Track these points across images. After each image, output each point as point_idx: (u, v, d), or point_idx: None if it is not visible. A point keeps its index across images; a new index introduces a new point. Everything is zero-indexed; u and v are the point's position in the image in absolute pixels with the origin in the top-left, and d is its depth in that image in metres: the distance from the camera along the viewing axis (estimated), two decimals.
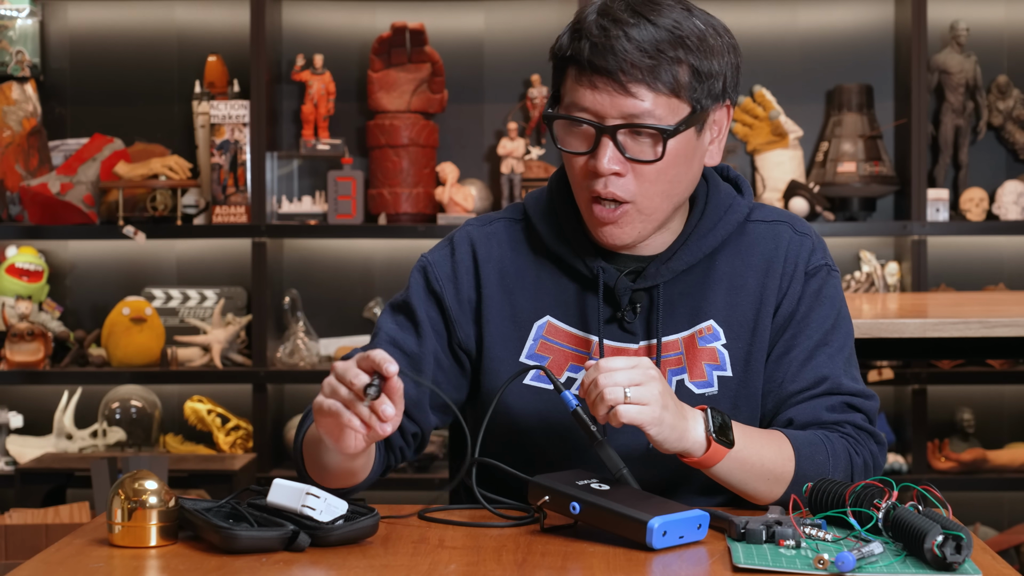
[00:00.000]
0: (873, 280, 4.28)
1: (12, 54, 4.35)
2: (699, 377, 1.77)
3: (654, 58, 1.66)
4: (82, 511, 3.62)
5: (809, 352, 1.78)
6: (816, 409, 1.76)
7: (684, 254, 1.78)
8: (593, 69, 1.67)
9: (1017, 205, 4.26)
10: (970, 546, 1.41)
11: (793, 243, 1.81)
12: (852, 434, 1.76)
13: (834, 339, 1.79)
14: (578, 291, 1.80)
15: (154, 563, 1.48)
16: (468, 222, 1.88)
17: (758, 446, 1.66)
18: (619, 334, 1.78)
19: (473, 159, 4.45)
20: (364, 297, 4.45)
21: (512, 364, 1.79)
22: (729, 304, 1.78)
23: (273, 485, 1.56)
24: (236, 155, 4.23)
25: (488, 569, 1.44)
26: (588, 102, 1.69)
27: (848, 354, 1.81)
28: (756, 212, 1.84)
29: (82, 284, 4.50)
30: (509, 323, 1.80)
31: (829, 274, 1.82)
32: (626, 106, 1.67)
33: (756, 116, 4.38)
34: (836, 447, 1.72)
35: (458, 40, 4.41)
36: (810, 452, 1.70)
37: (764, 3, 4.43)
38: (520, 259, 1.82)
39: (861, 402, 1.78)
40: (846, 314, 1.83)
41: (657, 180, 1.70)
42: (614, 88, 1.66)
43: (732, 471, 1.64)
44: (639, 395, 1.56)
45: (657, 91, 1.67)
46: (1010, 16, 4.44)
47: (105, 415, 4.21)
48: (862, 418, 1.78)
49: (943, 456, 4.21)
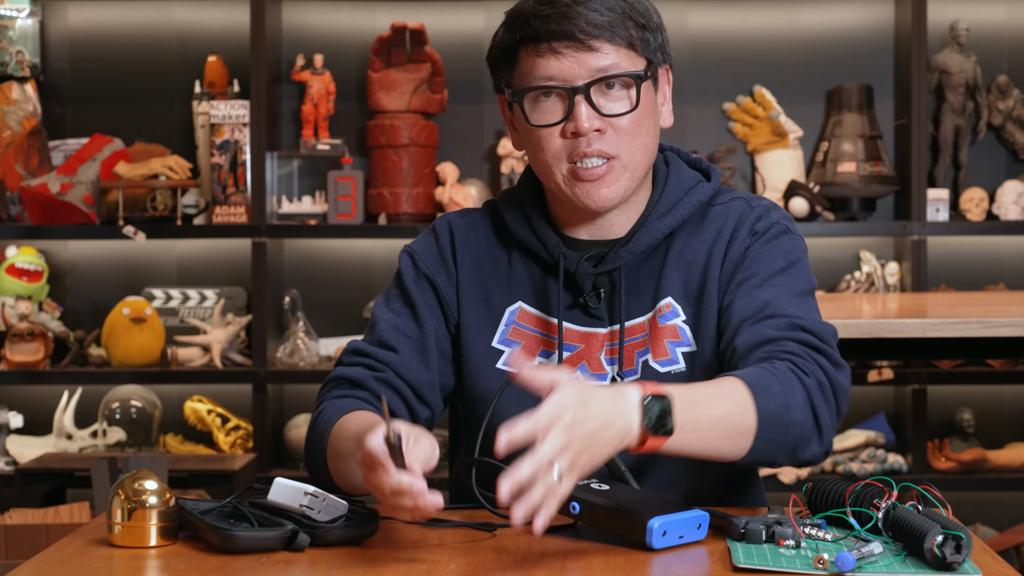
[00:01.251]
0: (873, 280, 4.28)
1: (12, 54, 4.35)
2: (663, 356, 1.77)
3: (606, 15, 1.71)
4: (82, 511, 3.62)
5: (752, 289, 1.73)
6: (758, 332, 1.68)
7: (643, 235, 1.79)
8: (553, 37, 1.71)
9: (1017, 205, 4.26)
10: (970, 546, 1.41)
11: (745, 213, 1.81)
12: (796, 351, 1.65)
13: (784, 280, 1.74)
14: (542, 276, 1.83)
15: (154, 563, 1.48)
16: (447, 213, 1.92)
17: (705, 408, 1.54)
18: (584, 319, 1.80)
19: (473, 159, 4.45)
20: (364, 297, 4.45)
21: (485, 348, 1.82)
22: (684, 280, 1.79)
23: (274, 484, 1.56)
24: (236, 155, 4.23)
25: (488, 569, 1.44)
26: (554, 70, 1.72)
27: (801, 292, 1.74)
28: (719, 196, 1.84)
29: (82, 284, 4.50)
30: (483, 308, 1.83)
31: (786, 232, 1.79)
32: (592, 61, 1.72)
33: (756, 116, 4.38)
34: (781, 372, 1.61)
35: (458, 40, 4.41)
36: (763, 386, 1.58)
37: (764, 3, 4.43)
38: (494, 248, 1.85)
39: (808, 323, 1.68)
40: (806, 269, 1.78)
41: (635, 132, 1.74)
42: (577, 48, 1.71)
43: (684, 445, 1.52)
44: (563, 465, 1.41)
45: (617, 45, 1.72)
46: (1010, 16, 4.44)
47: (105, 415, 4.21)
48: (810, 337, 1.67)
49: (943, 456, 4.21)
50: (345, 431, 1.70)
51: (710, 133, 4.44)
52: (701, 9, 4.43)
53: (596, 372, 1.78)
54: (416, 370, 1.81)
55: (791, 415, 1.59)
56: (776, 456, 1.61)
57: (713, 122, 4.45)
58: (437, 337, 1.83)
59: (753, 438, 1.57)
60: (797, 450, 1.61)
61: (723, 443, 1.56)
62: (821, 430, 1.62)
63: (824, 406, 1.62)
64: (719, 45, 4.42)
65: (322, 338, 4.38)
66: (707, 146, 4.43)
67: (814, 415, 1.61)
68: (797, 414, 1.60)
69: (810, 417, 1.61)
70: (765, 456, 1.60)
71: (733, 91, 4.44)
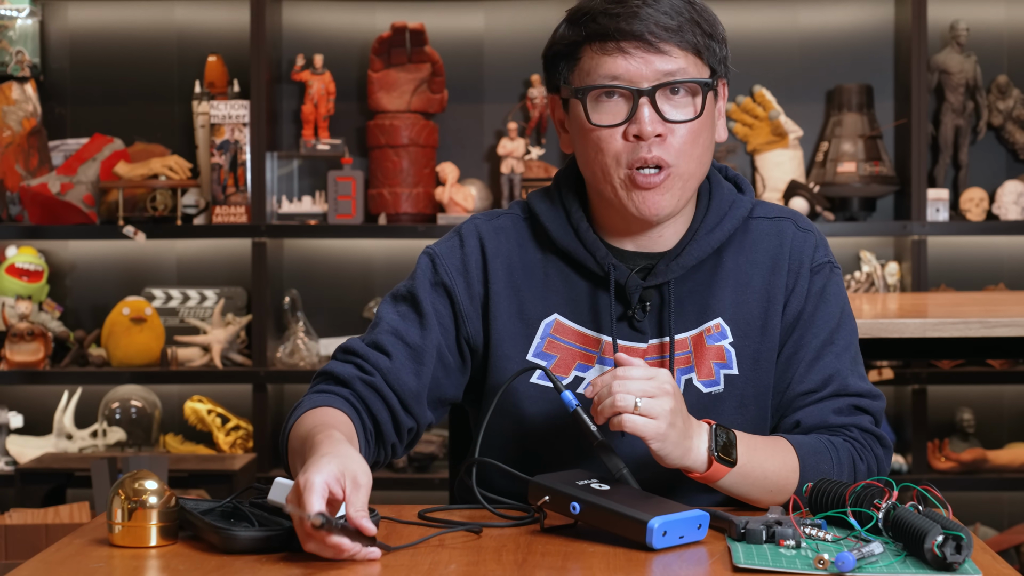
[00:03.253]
0: (873, 280, 4.28)
1: (12, 54, 4.35)
2: (707, 376, 1.77)
3: (675, 19, 1.69)
4: (82, 511, 3.62)
5: (816, 351, 1.78)
6: (823, 412, 1.76)
7: (693, 248, 1.76)
8: (622, 36, 1.68)
9: (1017, 205, 4.26)
10: (970, 546, 1.41)
11: (797, 239, 1.81)
12: (858, 438, 1.76)
13: (839, 337, 1.79)
14: (588, 289, 1.78)
15: (154, 563, 1.48)
16: (474, 216, 1.85)
17: (761, 458, 1.67)
18: (629, 333, 1.77)
19: (473, 159, 4.45)
20: (364, 297, 4.45)
21: (519, 362, 1.77)
22: (736, 302, 1.78)
23: (274, 484, 1.56)
24: (236, 155, 4.23)
25: (488, 569, 1.44)
26: (621, 69, 1.69)
27: (854, 352, 1.81)
28: (758, 209, 1.84)
29: (82, 284, 4.50)
30: (516, 320, 1.78)
31: (832, 271, 1.82)
32: (660, 64, 1.69)
33: (756, 116, 4.38)
34: (841, 454, 1.73)
35: (458, 40, 4.41)
36: (815, 461, 1.70)
37: (764, 3, 4.43)
38: (527, 255, 1.80)
39: (868, 403, 1.78)
40: (850, 312, 1.83)
41: (695, 142, 1.72)
42: (646, 50, 1.68)
43: (734, 485, 1.66)
44: (649, 407, 1.56)
45: (685, 50, 1.70)
46: (1010, 16, 4.44)
47: (105, 415, 4.21)
48: (869, 420, 1.77)
49: (943, 456, 4.21)
50: (300, 428, 1.68)
51: None
52: None
53: None
54: (406, 379, 1.76)
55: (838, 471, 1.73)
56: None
57: None
58: (440, 348, 1.78)
59: (797, 483, 1.69)
60: None
61: (764, 495, 1.68)
62: None
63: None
64: None
65: (322, 338, 4.38)
66: None
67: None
68: (843, 475, 1.73)
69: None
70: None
71: (733, 91, 4.42)
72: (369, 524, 1.45)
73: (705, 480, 1.64)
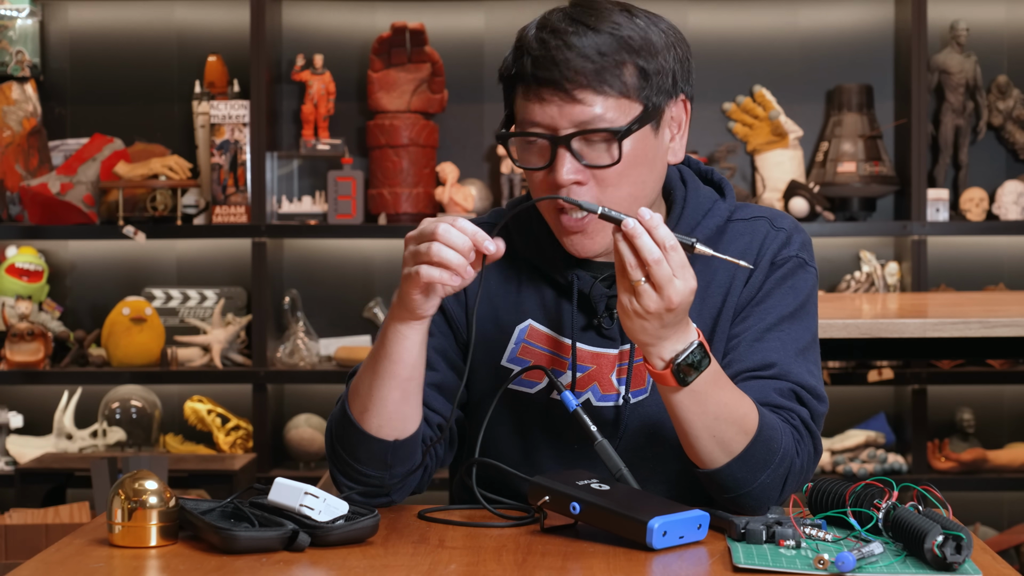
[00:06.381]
0: (873, 280, 4.28)
1: (12, 54, 4.35)
2: None
3: (596, 63, 1.64)
4: (82, 511, 3.62)
5: (759, 334, 1.73)
6: (764, 389, 1.68)
7: None
8: (538, 82, 1.65)
9: (1017, 205, 4.27)
10: (970, 546, 1.41)
11: (769, 237, 1.78)
12: (798, 428, 1.68)
13: (789, 328, 1.73)
14: (555, 297, 1.79)
15: (154, 563, 1.48)
16: None
17: (723, 399, 1.58)
18: (597, 340, 1.76)
19: (473, 159, 4.45)
20: (364, 297, 4.45)
21: (492, 367, 1.78)
22: (700, 299, 1.75)
23: (274, 484, 1.56)
24: (236, 155, 4.23)
25: (488, 569, 1.44)
26: (539, 116, 1.66)
27: (803, 348, 1.74)
28: (738, 212, 1.81)
29: (82, 284, 4.50)
30: (491, 325, 1.80)
31: (801, 267, 1.77)
32: (576, 113, 1.65)
33: (756, 116, 4.38)
34: (785, 442, 1.64)
35: (458, 40, 4.41)
36: (768, 436, 1.62)
37: (764, 3, 4.43)
38: (503, 263, 1.79)
39: (809, 398, 1.70)
40: (812, 312, 1.78)
41: (620, 184, 1.68)
42: (561, 98, 1.64)
43: (681, 406, 1.57)
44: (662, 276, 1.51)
45: (605, 94, 1.64)
46: (1010, 16, 4.45)
47: (105, 415, 4.21)
48: (807, 414, 1.70)
49: (943, 456, 4.21)
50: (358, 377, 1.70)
51: (710, 133, 4.44)
52: (701, 9, 4.43)
53: (607, 392, 1.76)
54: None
55: (781, 457, 1.63)
56: (747, 483, 1.61)
57: (713, 122, 4.45)
58: (446, 354, 1.79)
59: (743, 448, 1.60)
60: (762, 492, 1.62)
61: (706, 438, 1.59)
62: (781, 492, 1.65)
63: (792, 482, 1.66)
64: (719, 45, 4.42)
65: (322, 338, 4.38)
66: (707, 146, 4.43)
67: (784, 479, 1.64)
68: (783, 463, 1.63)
69: (781, 479, 1.64)
70: (740, 473, 1.60)
71: (733, 91, 4.44)
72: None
73: (657, 381, 1.57)
